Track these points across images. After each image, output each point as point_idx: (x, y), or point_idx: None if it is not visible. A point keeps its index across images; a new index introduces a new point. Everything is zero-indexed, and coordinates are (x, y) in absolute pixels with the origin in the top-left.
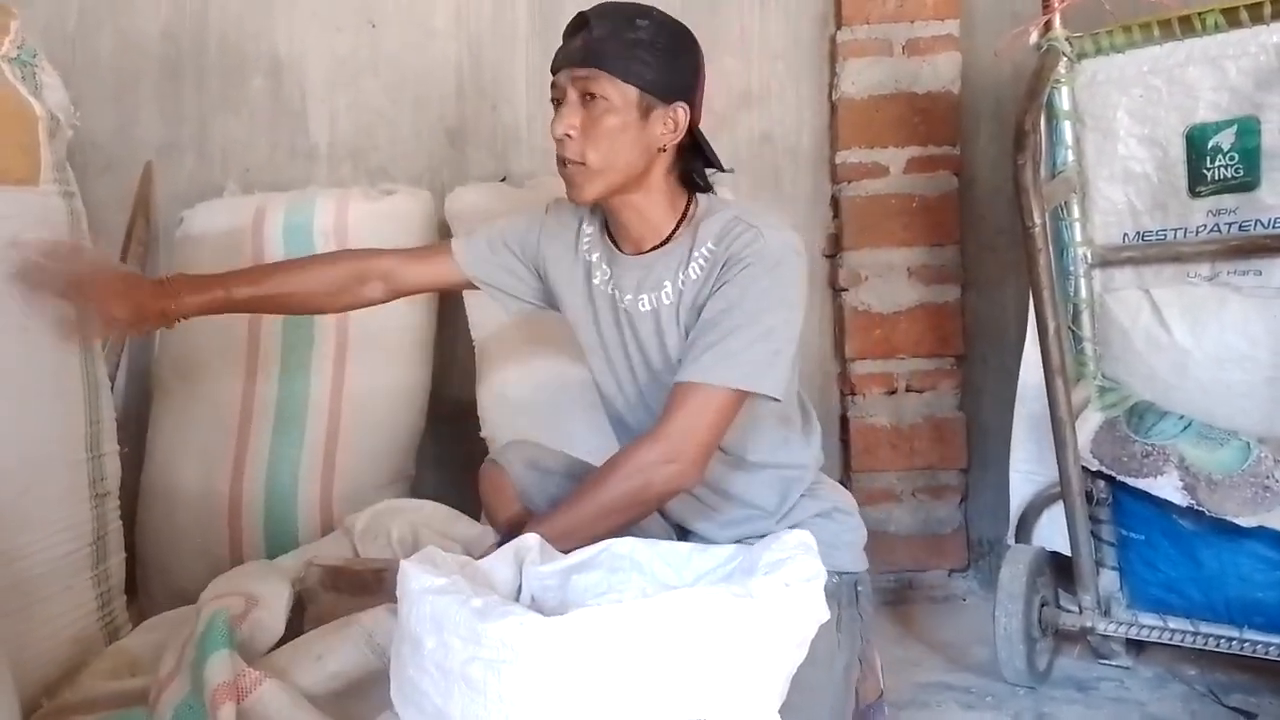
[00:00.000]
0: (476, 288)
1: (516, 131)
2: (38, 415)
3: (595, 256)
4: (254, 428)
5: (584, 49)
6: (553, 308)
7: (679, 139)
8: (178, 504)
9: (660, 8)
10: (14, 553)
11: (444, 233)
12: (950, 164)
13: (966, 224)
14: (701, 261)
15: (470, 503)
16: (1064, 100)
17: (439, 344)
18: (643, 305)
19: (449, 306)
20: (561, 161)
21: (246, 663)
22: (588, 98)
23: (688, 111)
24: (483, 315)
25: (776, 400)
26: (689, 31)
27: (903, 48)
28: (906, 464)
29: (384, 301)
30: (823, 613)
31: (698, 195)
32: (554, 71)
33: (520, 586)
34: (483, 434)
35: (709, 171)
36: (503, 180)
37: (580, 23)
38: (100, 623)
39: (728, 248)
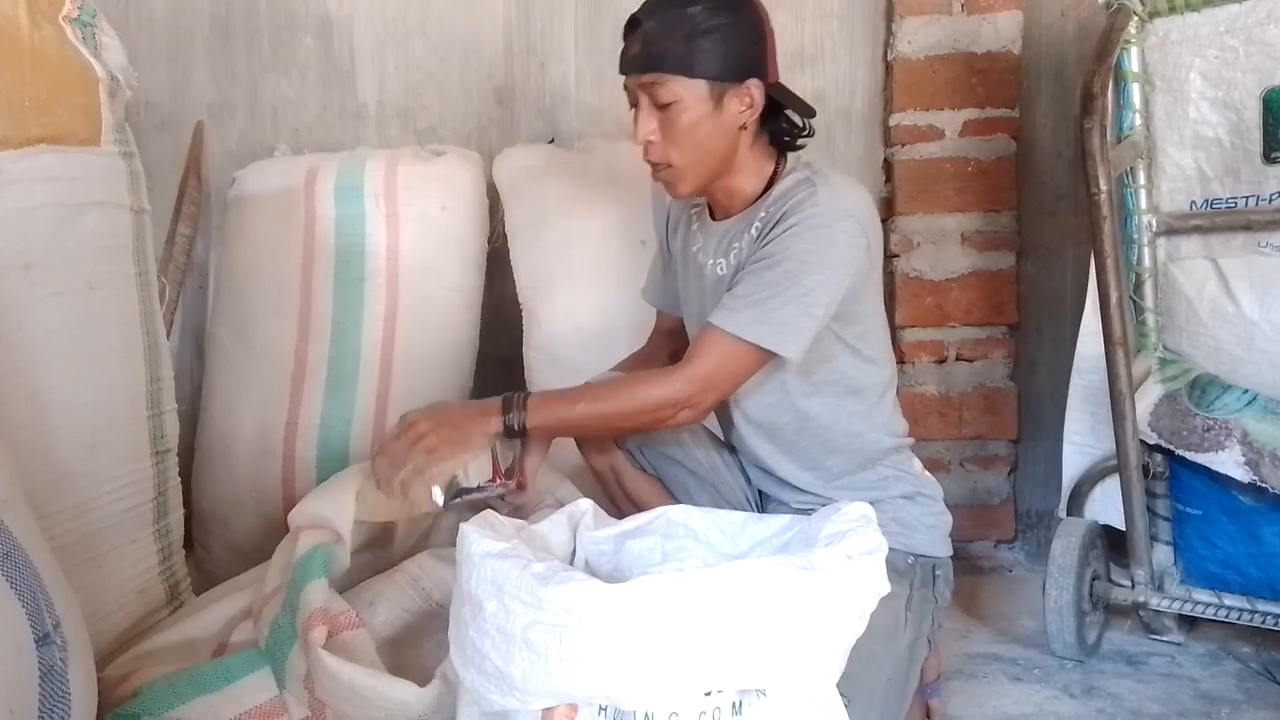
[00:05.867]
0: None
1: (565, 90)
2: (102, 373)
3: (695, 226)
4: (307, 385)
5: (643, 54)
6: None
7: (757, 113)
8: (233, 460)
9: None
10: (84, 506)
11: (492, 194)
12: (1008, 127)
13: (1024, 189)
14: (759, 223)
15: None
16: (1132, 62)
17: (486, 305)
18: (719, 269)
19: (496, 268)
20: (650, 164)
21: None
22: (659, 101)
23: (762, 86)
24: (530, 277)
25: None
26: None
27: (962, 6)
28: (955, 433)
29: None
30: (883, 585)
31: (788, 157)
32: (621, 74)
33: (574, 550)
34: None
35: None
36: (550, 142)
37: (633, 24)
38: (162, 577)
39: (783, 209)
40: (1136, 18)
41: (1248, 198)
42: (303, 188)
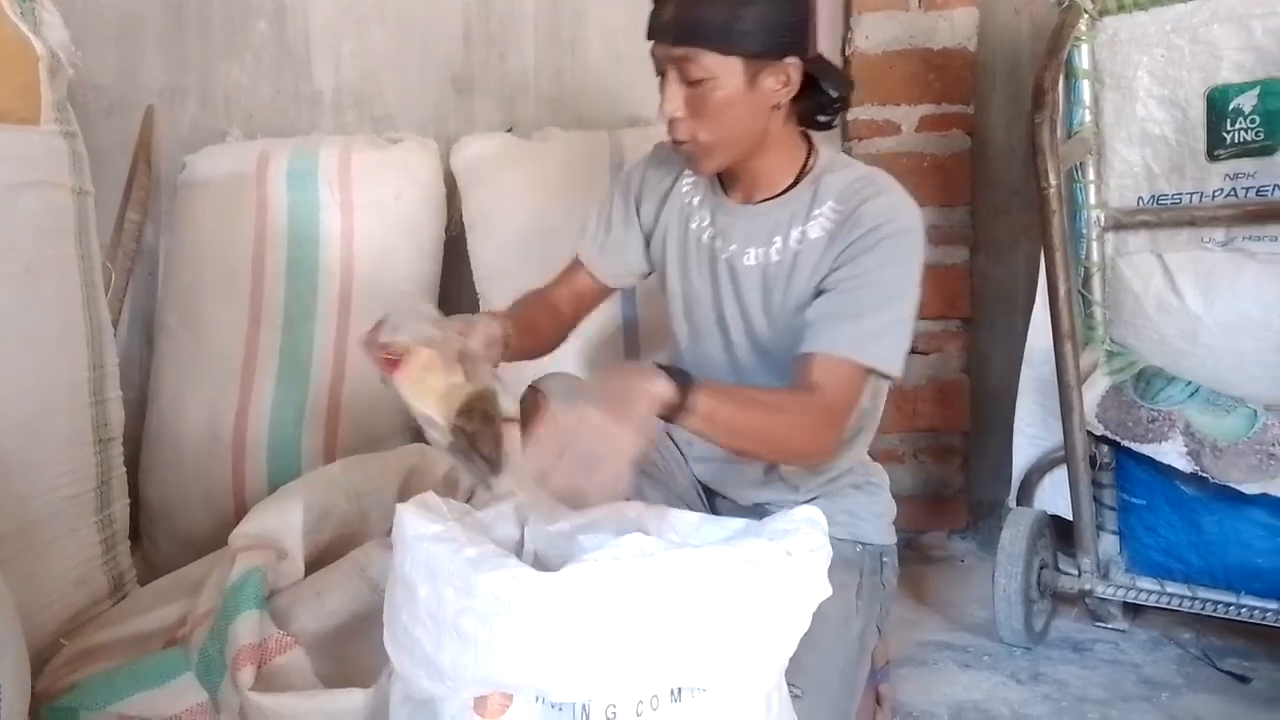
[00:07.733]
0: (625, 285)
1: (524, 80)
2: (41, 360)
3: (696, 200)
4: (258, 375)
5: (677, 21)
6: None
7: (793, 94)
8: (182, 450)
9: None
10: (21, 496)
11: (449, 184)
12: (963, 123)
13: (978, 185)
14: (825, 221)
15: None
16: (1083, 59)
17: (443, 294)
18: (747, 259)
19: (453, 256)
20: (674, 140)
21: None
22: (689, 78)
23: (800, 65)
24: (487, 266)
25: (894, 380)
26: None
27: (919, 2)
28: (909, 425)
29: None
30: (823, 587)
31: (818, 147)
32: (649, 40)
33: (522, 543)
34: None
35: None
36: (509, 131)
37: None
38: (105, 568)
39: (856, 209)
40: (1087, 15)
41: (1192, 194)
42: (254, 173)
